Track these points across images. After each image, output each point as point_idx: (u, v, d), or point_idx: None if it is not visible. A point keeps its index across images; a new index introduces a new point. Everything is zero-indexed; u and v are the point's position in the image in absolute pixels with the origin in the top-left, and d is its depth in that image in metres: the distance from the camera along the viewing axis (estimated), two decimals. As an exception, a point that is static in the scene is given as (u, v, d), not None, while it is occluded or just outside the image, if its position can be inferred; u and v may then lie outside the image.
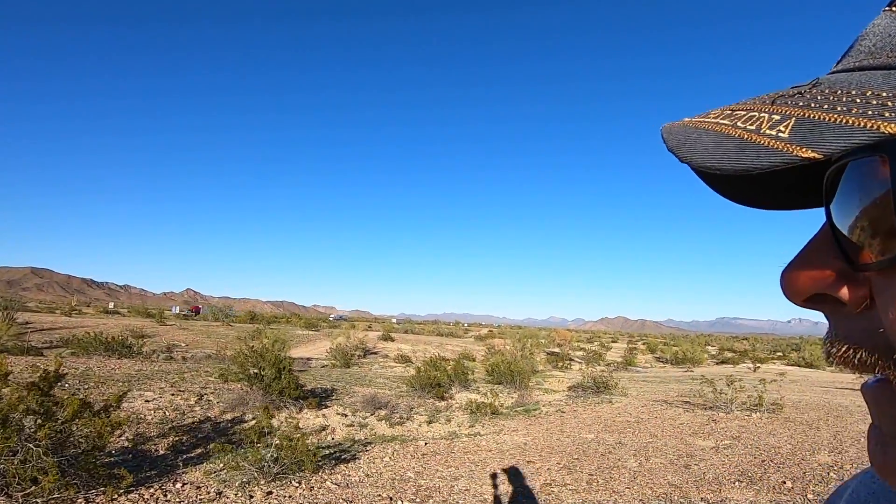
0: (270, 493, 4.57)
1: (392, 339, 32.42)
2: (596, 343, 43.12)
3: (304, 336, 32.90)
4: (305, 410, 9.66)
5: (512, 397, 13.04)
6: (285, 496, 4.51)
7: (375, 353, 28.11)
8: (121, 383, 8.95)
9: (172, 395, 8.82)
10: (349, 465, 5.67)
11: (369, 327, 44.91)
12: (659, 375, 21.36)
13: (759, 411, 9.54)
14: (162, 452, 6.12)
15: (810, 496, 4.57)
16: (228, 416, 8.71)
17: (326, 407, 10.26)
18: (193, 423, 7.82)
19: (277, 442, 5.08)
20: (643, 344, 45.89)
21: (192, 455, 5.99)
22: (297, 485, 4.79)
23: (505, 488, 4.91)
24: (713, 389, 10.25)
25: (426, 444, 7.23)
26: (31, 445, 4.10)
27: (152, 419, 7.37)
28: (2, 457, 4.01)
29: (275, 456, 4.89)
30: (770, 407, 9.69)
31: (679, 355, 29.46)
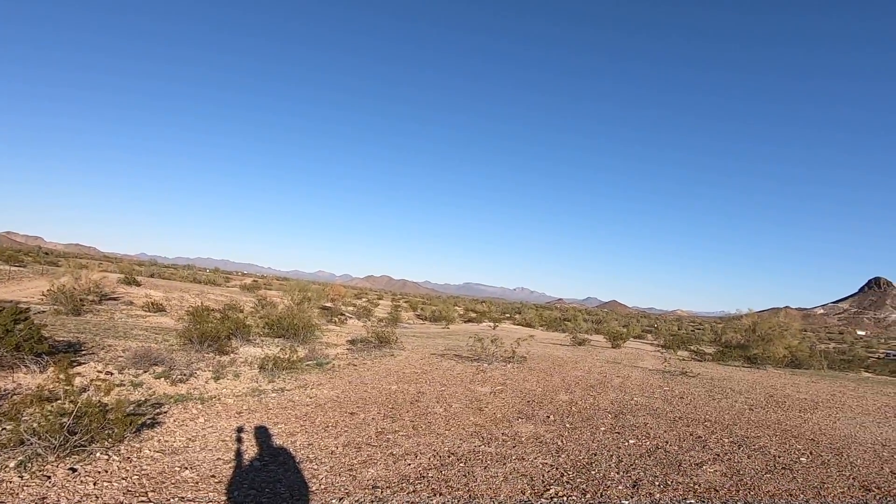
0: (74, 469, 3.72)
1: (138, 284, 27.40)
2: (363, 300, 45.23)
3: (2, 272, 24.89)
4: (52, 369, 7.75)
5: (297, 352, 12.97)
6: (99, 471, 3.74)
7: (115, 299, 23.45)
8: None
9: None
10: (156, 430, 4.96)
11: (91, 267, 36.60)
12: (424, 332, 24.09)
13: (512, 362, 12.00)
14: None
15: (567, 424, 6.26)
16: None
17: (79, 364, 8.45)
18: None
19: (69, 407, 4.08)
20: (406, 302, 50.31)
21: None
22: (106, 457, 4.00)
23: (344, 439, 5.14)
24: (481, 346, 12.36)
25: (232, 401, 6.77)
26: None
27: None
28: None
29: (71, 426, 3.94)
30: (518, 359, 12.29)
31: (436, 314, 33.53)
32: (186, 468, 3.99)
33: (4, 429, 4.24)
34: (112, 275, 28.64)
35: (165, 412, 5.96)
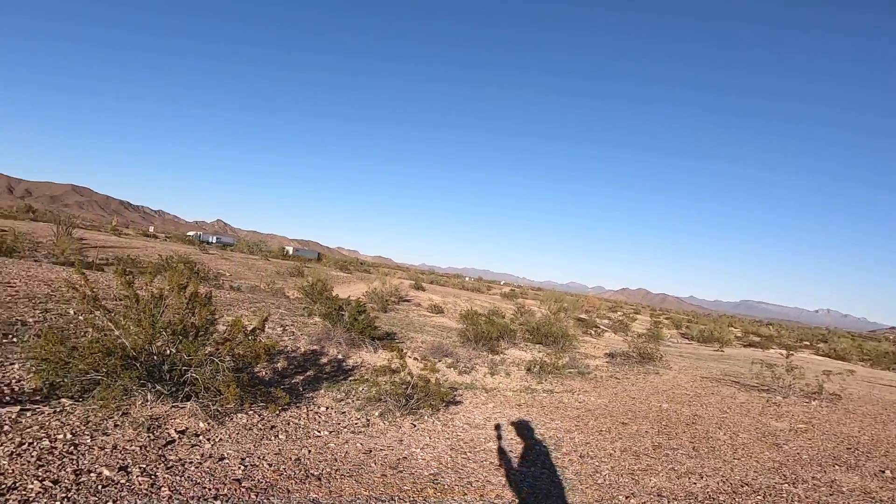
0: (414, 425, 5.01)
1: (423, 289, 33.14)
2: (619, 313, 43.46)
3: (337, 277, 33.76)
4: (381, 352, 10.18)
5: (560, 358, 13.51)
6: (429, 429, 4.95)
7: (408, 300, 28.84)
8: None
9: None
10: (458, 408, 6.13)
11: (392, 274, 45.89)
12: (692, 353, 21.71)
13: (818, 399, 9.79)
14: (270, 377, 6.63)
15: (915, 486, 4.86)
16: (314, 348, 9.27)
17: (395, 350, 10.78)
18: (289, 351, 8.36)
19: (410, 379, 5.50)
20: (667, 318, 46.08)
21: (298, 380, 6.49)
22: (432, 420, 5.24)
23: (621, 445, 5.30)
24: (773, 374, 10.49)
25: (511, 395, 7.68)
26: (216, 360, 4.55)
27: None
28: (194, 367, 4.47)
29: (409, 392, 5.33)
30: (829, 396, 9.93)
31: (706, 334, 29.65)
32: (489, 441, 4.85)
33: (370, 389, 5.97)
34: (405, 281, 35.24)
35: (461, 395, 7.21)
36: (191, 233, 79.14)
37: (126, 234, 42.59)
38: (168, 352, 4.53)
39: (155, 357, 4.42)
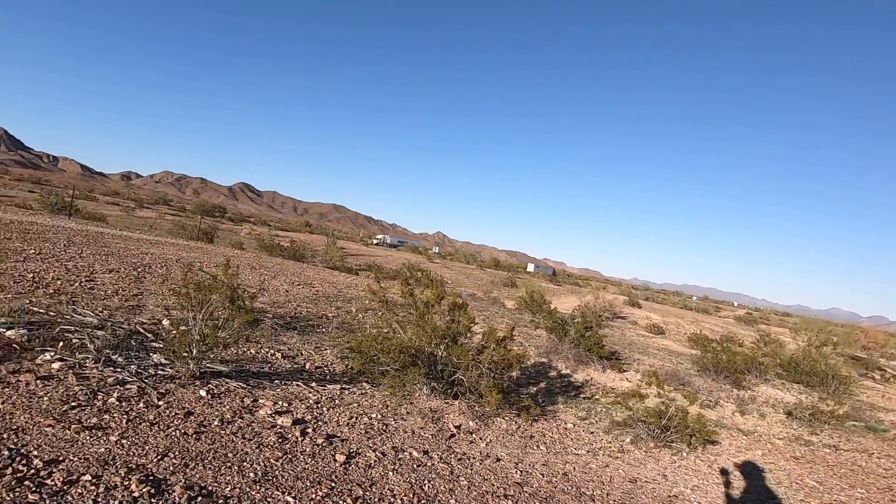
0: (674, 460, 4.65)
1: (639, 306, 30.79)
2: (915, 354, 32.68)
3: (548, 289, 33.96)
4: (609, 371, 9.78)
5: (840, 405, 10.84)
6: (689, 467, 4.52)
7: (623, 317, 27.15)
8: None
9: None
10: (717, 448, 5.43)
11: (604, 289, 43.80)
12: None
13: None
14: (507, 384, 6.90)
15: None
16: (543, 361, 9.43)
17: (624, 371, 10.21)
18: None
19: (666, 409, 5.13)
20: None
21: (532, 391, 6.61)
22: (692, 457, 4.77)
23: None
24: None
25: (781, 443, 6.46)
26: (481, 366, 5.03)
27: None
28: (461, 370, 5.02)
29: (665, 423, 4.97)
30: None
31: None
32: (771, 500, 4.15)
33: (615, 411, 5.78)
34: (619, 297, 33.32)
35: (716, 433, 6.38)
36: (379, 235, 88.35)
37: (370, 244, 51.00)
38: (439, 353, 5.19)
39: (431, 357, 5.11)
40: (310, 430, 3.58)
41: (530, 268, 72.26)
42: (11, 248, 7.68)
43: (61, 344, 4.18)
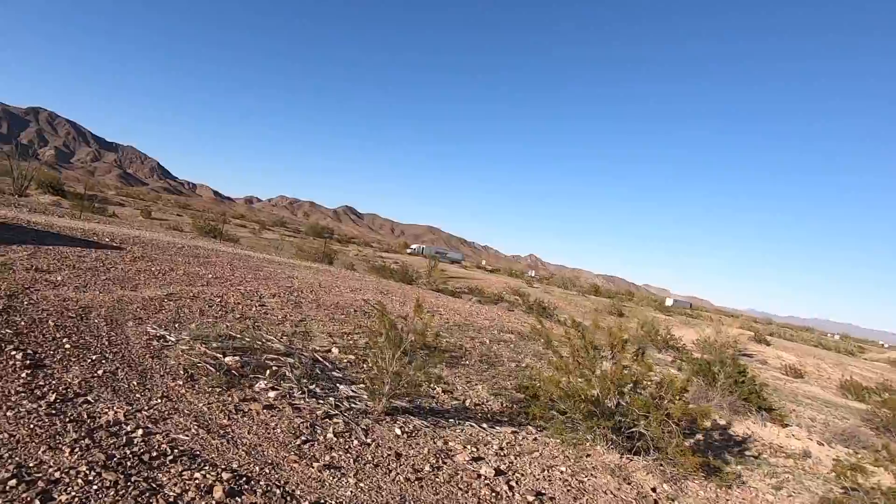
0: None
1: (767, 343, 27.57)
2: None
3: (657, 319, 31.69)
4: (770, 425, 8.70)
5: None
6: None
7: (749, 355, 24.42)
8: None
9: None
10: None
11: (720, 321, 39.81)
12: None
13: None
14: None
15: None
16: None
17: (787, 425, 9.00)
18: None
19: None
20: None
21: (689, 444, 5.96)
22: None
23: None
24: None
25: None
26: (669, 421, 4.64)
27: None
28: (642, 423, 4.67)
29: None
30: None
31: None
32: None
33: (810, 480, 5.02)
34: (743, 332, 30.15)
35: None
36: (413, 245, 75.33)
37: (469, 268, 51.54)
38: (615, 403, 4.88)
39: (608, 407, 4.83)
40: (513, 484, 3.48)
41: (668, 302, 61.66)
42: (193, 273, 8.67)
43: (268, 372, 4.54)
